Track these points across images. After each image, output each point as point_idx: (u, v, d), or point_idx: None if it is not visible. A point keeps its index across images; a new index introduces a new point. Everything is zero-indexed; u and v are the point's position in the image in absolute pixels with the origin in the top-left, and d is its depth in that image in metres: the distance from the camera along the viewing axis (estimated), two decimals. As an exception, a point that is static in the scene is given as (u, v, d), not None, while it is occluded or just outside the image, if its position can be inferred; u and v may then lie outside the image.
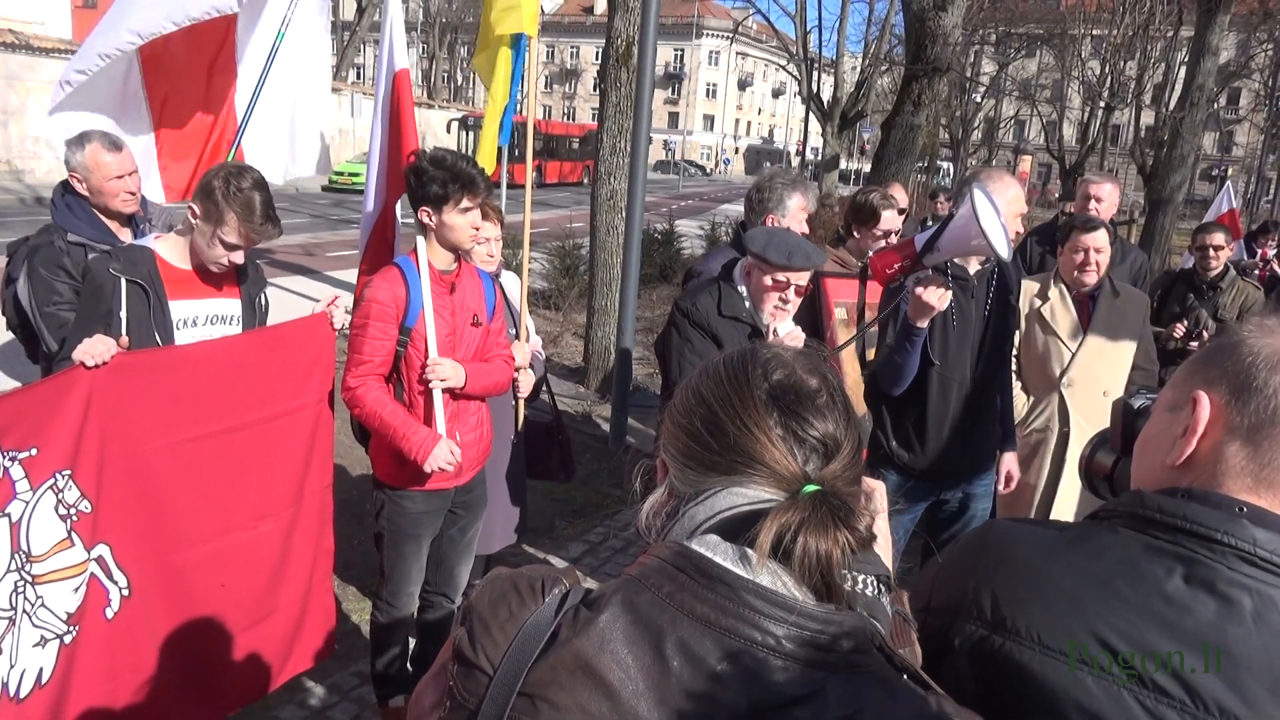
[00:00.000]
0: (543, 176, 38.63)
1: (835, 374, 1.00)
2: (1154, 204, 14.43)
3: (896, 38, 25.63)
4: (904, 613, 1.08)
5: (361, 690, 3.60)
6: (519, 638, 0.89)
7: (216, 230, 2.70)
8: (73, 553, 2.38)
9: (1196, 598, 0.99)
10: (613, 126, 7.86)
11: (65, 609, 2.37)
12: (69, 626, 2.38)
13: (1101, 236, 3.78)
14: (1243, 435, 1.02)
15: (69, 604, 2.37)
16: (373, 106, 3.82)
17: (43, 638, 2.32)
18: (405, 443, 2.89)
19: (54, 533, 2.34)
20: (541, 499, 5.52)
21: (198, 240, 2.76)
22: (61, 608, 2.36)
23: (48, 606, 2.33)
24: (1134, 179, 32.64)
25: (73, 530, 2.37)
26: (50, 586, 2.33)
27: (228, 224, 2.68)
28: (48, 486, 2.31)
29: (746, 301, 3.00)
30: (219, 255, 2.75)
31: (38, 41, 21.57)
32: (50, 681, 2.33)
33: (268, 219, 2.73)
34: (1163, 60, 30.96)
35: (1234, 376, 1.03)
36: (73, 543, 2.38)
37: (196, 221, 2.74)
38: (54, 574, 2.34)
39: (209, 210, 2.69)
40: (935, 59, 9.02)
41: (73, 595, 2.38)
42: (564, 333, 9.90)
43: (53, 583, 2.34)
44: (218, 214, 2.68)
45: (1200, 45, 13.72)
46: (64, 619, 2.36)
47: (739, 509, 0.90)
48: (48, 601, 2.33)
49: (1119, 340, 3.83)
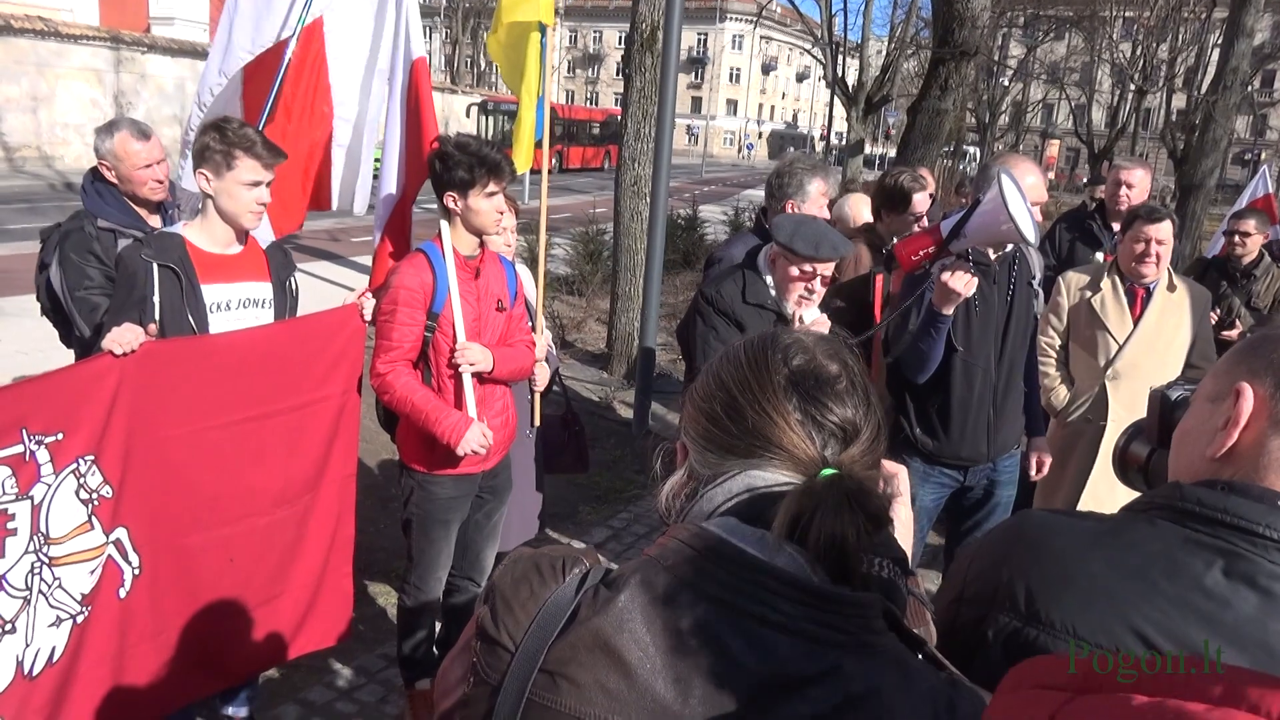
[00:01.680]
0: (564, 162, 38.62)
1: (858, 360, 1.00)
2: (1185, 189, 14.20)
3: (923, 20, 25.37)
4: (919, 594, 1.09)
5: (388, 673, 3.64)
6: (540, 616, 0.91)
7: (230, 175, 2.70)
8: (91, 536, 2.41)
9: (1237, 591, 0.97)
10: (636, 112, 7.82)
11: (81, 590, 2.40)
12: (83, 607, 2.41)
13: (1166, 228, 3.64)
14: None
15: (84, 585, 2.41)
16: (387, 94, 3.78)
17: (58, 618, 2.36)
18: (438, 426, 2.91)
19: (74, 516, 2.37)
20: (565, 485, 5.54)
21: (222, 204, 2.74)
22: (77, 589, 2.39)
23: (65, 588, 2.36)
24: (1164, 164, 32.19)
25: (93, 514, 2.41)
26: (68, 568, 2.36)
27: (239, 163, 2.68)
28: (70, 470, 2.33)
29: (771, 289, 2.99)
30: (246, 201, 2.73)
31: (66, 29, 21.77)
32: (61, 659, 2.37)
33: (268, 145, 2.74)
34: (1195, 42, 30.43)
35: (1277, 367, 1.01)
36: (92, 526, 2.41)
37: (211, 185, 2.73)
38: (72, 556, 2.37)
39: (216, 165, 2.70)
40: (963, 42, 8.90)
41: (89, 577, 2.42)
42: (587, 318, 9.91)
43: (70, 565, 2.37)
44: (226, 161, 2.68)
45: (1235, 26, 13.46)
46: (79, 600, 2.40)
47: (757, 492, 0.92)
48: (65, 583, 2.36)
49: (1172, 335, 3.71)
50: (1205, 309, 3.86)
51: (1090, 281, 3.80)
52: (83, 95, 22.06)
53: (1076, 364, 3.84)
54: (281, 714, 3.38)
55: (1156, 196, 20.42)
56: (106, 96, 22.46)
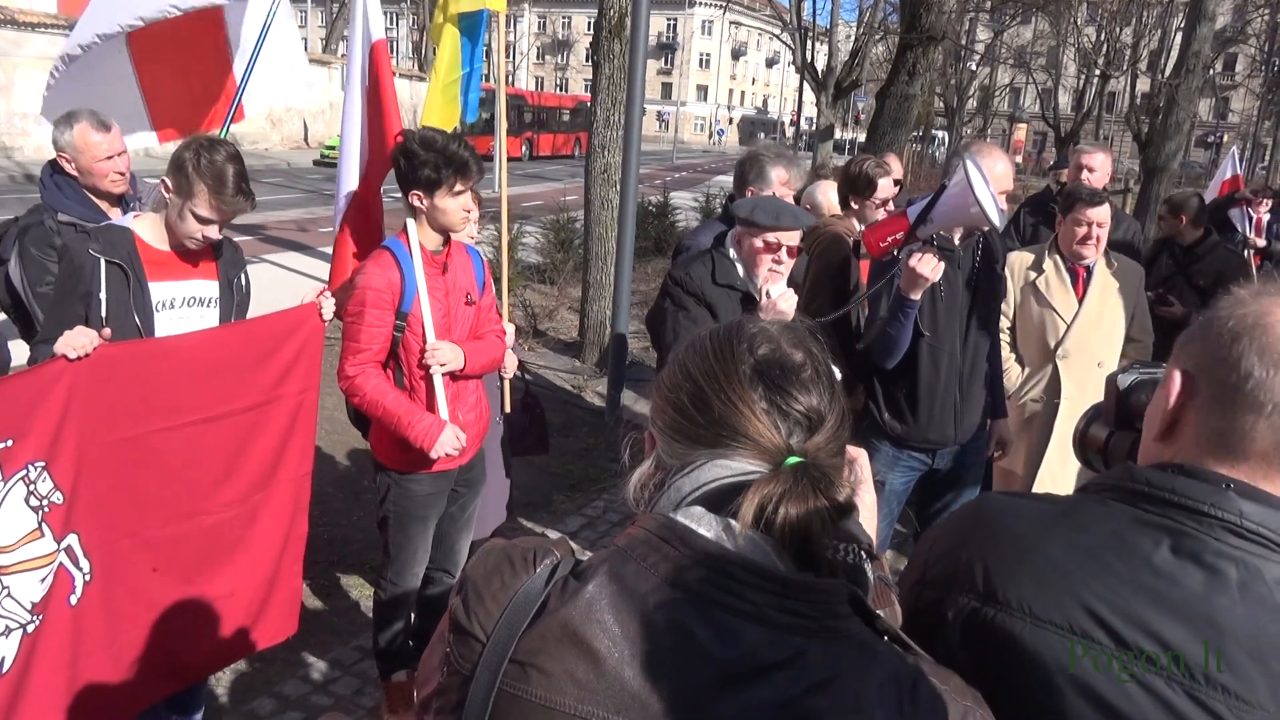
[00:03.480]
0: (535, 149, 38.43)
1: (822, 348, 1.02)
2: (1149, 171, 14.39)
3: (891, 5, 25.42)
4: (885, 577, 1.11)
5: (363, 665, 3.64)
6: (510, 607, 0.93)
7: (187, 204, 2.63)
8: (42, 544, 2.35)
9: (1184, 569, 1.00)
10: (605, 99, 7.80)
11: (31, 599, 2.34)
12: (34, 616, 2.35)
13: (1105, 211, 3.74)
14: (1212, 407, 1.04)
15: (35, 594, 2.35)
16: (346, 81, 3.72)
17: (7, 627, 2.29)
18: (410, 431, 2.89)
19: (24, 524, 2.30)
20: (538, 473, 5.56)
21: (171, 216, 2.69)
22: (27, 598, 2.33)
23: (14, 596, 2.30)
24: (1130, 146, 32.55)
25: (44, 521, 2.35)
26: (17, 577, 2.30)
27: (198, 197, 2.61)
28: (19, 478, 2.28)
29: (740, 269, 3.02)
30: (192, 230, 2.67)
31: (24, 16, 21.31)
32: (12, 669, 2.30)
33: (240, 191, 2.65)
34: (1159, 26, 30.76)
35: (1206, 349, 1.05)
36: (43, 534, 2.35)
37: (169, 196, 2.67)
38: (22, 564, 2.31)
39: (180, 184, 2.63)
40: (930, 27, 8.97)
41: (39, 585, 2.36)
42: (559, 307, 9.89)
43: (20, 573, 2.30)
44: (188, 187, 2.61)
45: (1196, 11, 13.62)
46: (29, 608, 2.34)
47: (723, 480, 0.93)
48: (14, 591, 2.30)
49: (1114, 312, 3.83)
50: (1140, 282, 3.99)
51: (1034, 262, 3.89)
52: (42, 85, 21.32)
53: (1026, 344, 3.91)
54: (256, 707, 3.37)
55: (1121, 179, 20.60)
56: (66, 86, 22.02)
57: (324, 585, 4.23)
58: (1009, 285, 3.85)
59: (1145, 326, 3.98)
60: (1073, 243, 3.77)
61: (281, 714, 3.35)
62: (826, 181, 4.85)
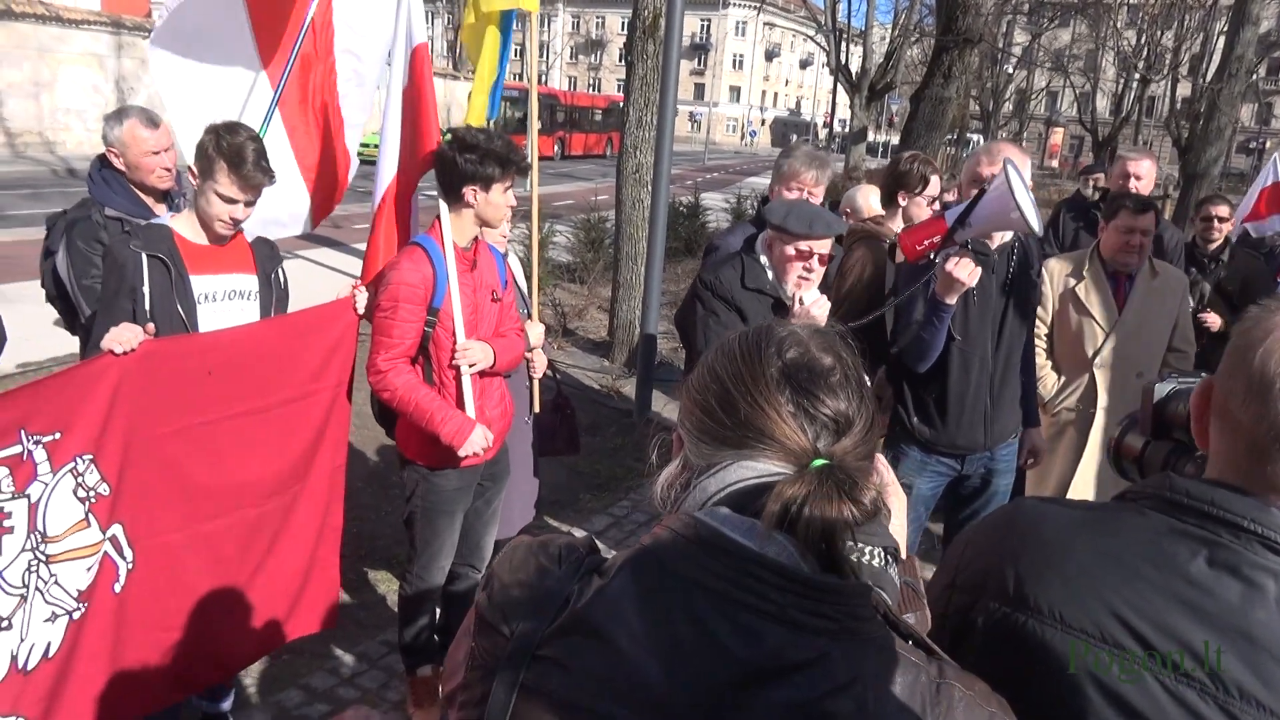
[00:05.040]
0: (566, 148, 38.53)
1: (853, 353, 1.01)
2: (1189, 177, 14.19)
3: (927, 8, 25.22)
4: (912, 582, 1.10)
5: (389, 659, 3.67)
6: (535, 603, 0.94)
7: (209, 184, 2.72)
8: (88, 533, 2.43)
9: (1220, 580, 0.99)
10: (638, 99, 7.81)
11: (77, 586, 2.42)
12: (79, 603, 2.43)
13: (1151, 219, 3.67)
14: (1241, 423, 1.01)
15: (81, 582, 2.42)
16: (388, 82, 3.76)
17: (54, 614, 2.37)
18: (442, 428, 2.92)
19: (71, 514, 2.38)
20: (566, 472, 5.57)
21: (200, 203, 2.78)
22: (74, 585, 2.41)
23: (61, 584, 2.38)
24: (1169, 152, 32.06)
25: (90, 512, 2.42)
26: (64, 565, 2.38)
27: (219, 174, 2.70)
28: (68, 470, 2.36)
29: (769, 273, 3.01)
30: (219, 211, 2.75)
31: (67, 14, 21.70)
32: (57, 654, 2.38)
33: (258, 167, 2.73)
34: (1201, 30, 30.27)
35: (1236, 364, 1.02)
36: (89, 524, 2.43)
37: (197, 183, 2.76)
38: (69, 553, 2.39)
39: (203, 166, 2.72)
40: (967, 30, 8.87)
41: (85, 574, 2.43)
42: (589, 306, 9.91)
43: (67, 562, 2.38)
44: (209, 167, 2.71)
45: (1240, 14, 13.41)
46: (75, 596, 2.41)
47: (749, 482, 0.93)
48: (61, 579, 2.38)
49: (1155, 321, 3.74)
50: (1184, 293, 3.90)
51: (1074, 269, 3.81)
52: (84, 81, 22.00)
53: (1062, 352, 3.84)
54: (284, 699, 3.41)
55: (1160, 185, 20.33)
56: (108, 82, 22.41)
57: (351, 579, 4.27)
58: (1047, 292, 3.79)
59: (1188, 337, 3.88)
60: (1116, 250, 3.70)
61: (309, 706, 3.39)
62: (868, 185, 4.80)
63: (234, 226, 2.83)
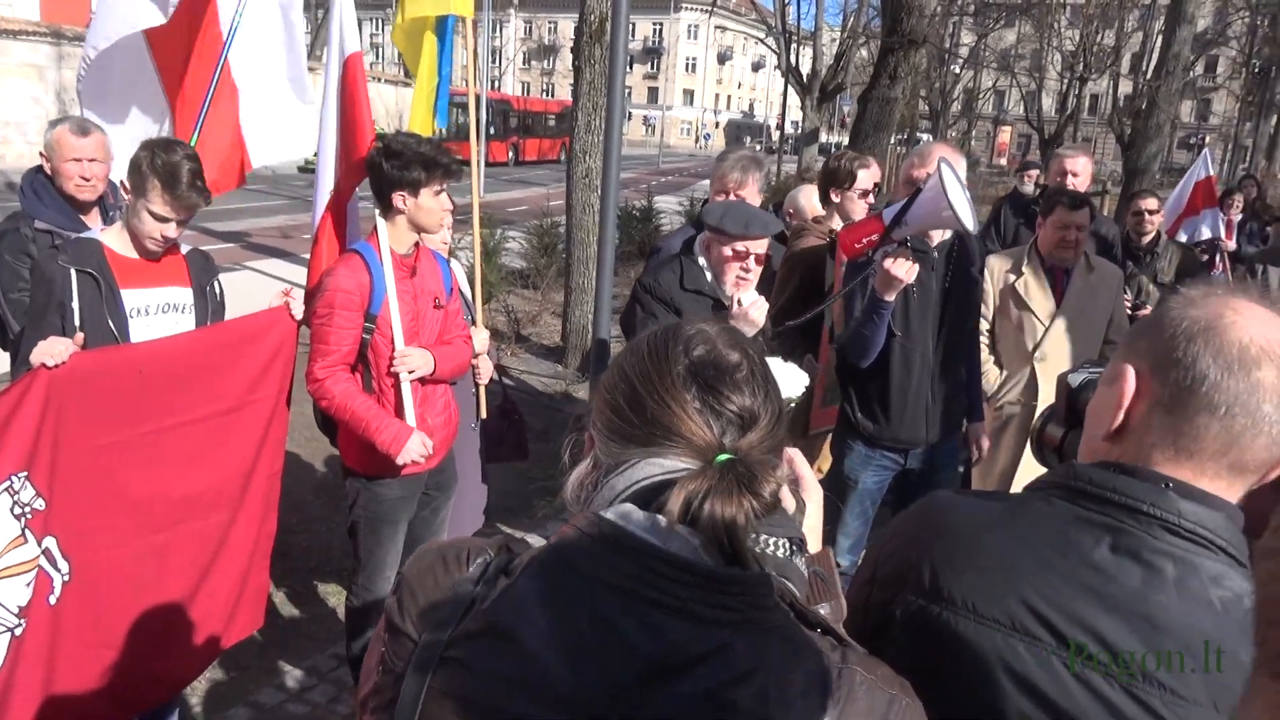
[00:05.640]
0: (520, 154, 38.40)
1: (757, 349, 1.03)
2: (1130, 173, 14.53)
3: (875, 9, 25.53)
4: (822, 572, 1.11)
5: (339, 672, 3.62)
6: (441, 605, 0.94)
7: (142, 202, 2.68)
8: (26, 549, 2.40)
9: (1122, 566, 1.01)
10: (587, 104, 7.80)
11: (18, 603, 2.39)
12: (20, 619, 2.39)
13: (1085, 215, 3.77)
14: (1164, 406, 1.04)
15: (21, 598, 2.40)
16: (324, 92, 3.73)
17: None
18: (377, 436, 2.90)
19: (8, 532, 2.36)
20: (519, 479, 5.54)
21: (132, 220, 2.73)
22: (14, 602, 2.38)
23: (1, 603, 2.35)
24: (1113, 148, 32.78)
25: (27, 527, 2.39)
26: (3, 583, 2.35)
27: (152, 193, 2.66)
28: (3, 489, 2.33)
29: (708, 275, 3.02)
30: (150, 229, 2.71)
31: (4, 24, 21.20)
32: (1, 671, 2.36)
33: (193, 188, 2.69)
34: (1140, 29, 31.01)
35: (1157, 348, 1.05)
36: (26, 539, 2.39)
37: (129, 199, 2.72)
38: (7, 570, 2.36)
39: (136, 183, 2.68)
40: (911, 31, 9.00)
41: (25, 589, 2.40)
42: (543, 312, 9.88)
43: (6, 579, 2.36)
44: (143, 185, 2.66)
45: (1176, 13, 13.75)
46: (15, 612, 2.38)
47: (655, 478, 0.94)
48: (2, 598, 2.35)
49: (1092, 314, 3.83)
50: (1119, 286, 4.01)
51: (1013, 265, 3.89)
52: (24, 92, 21.51)
53: (1004, 346, 3.92)
54: (231, 716, 3.35)
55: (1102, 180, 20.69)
56: (49, 93, 21.91)
57: (301, 592, 4.21)
58: (988, 288, 3.86)
59: (1123, 327, 3.97)
60: (1053, 246, 3.79)
61: (256, 723, 3.33)
62: (809, 185, 4.85)
63: (164, 244, 2.79)
